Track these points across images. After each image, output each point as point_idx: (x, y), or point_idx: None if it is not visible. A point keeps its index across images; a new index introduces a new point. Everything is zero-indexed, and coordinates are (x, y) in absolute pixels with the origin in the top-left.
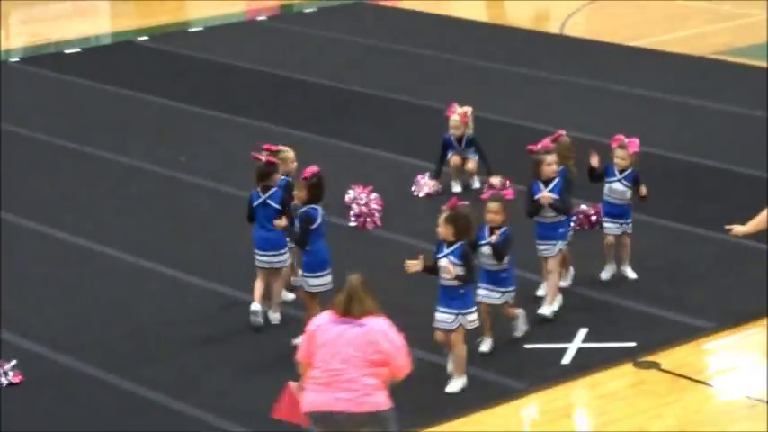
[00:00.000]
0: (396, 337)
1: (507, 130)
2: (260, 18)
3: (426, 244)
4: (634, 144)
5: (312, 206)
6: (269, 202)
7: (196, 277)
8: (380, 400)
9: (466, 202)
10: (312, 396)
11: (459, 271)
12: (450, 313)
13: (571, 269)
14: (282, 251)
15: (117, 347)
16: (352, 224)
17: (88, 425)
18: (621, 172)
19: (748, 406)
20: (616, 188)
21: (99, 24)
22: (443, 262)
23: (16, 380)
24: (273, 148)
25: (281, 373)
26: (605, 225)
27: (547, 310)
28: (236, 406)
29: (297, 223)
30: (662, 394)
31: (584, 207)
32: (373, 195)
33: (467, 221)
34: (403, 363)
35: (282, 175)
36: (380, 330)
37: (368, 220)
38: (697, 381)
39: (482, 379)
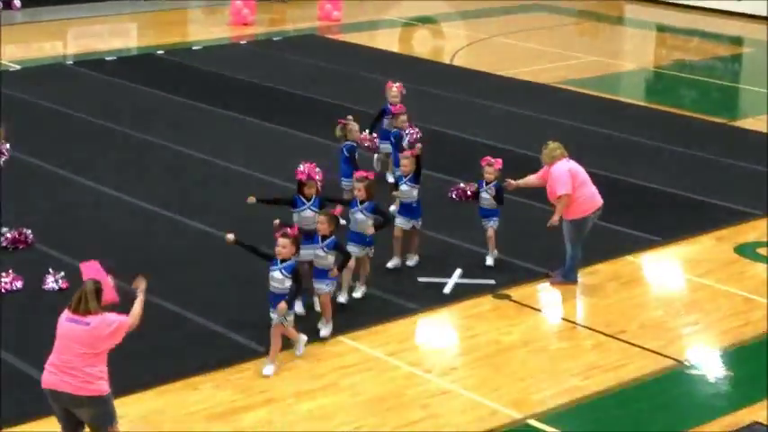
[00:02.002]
0: (116, 325)
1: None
2: (242, 42)
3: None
4: (498, 163)
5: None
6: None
7: (191, 220)
8: (99, 388)
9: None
10: (46, 376)
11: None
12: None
13: (416, 256)
14: None
15: (134, 265)
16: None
17: None
18: (488, 183)
19: (570, 327)
20: (485, 197)
21: (129, 41)
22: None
23: (64, 286)
24: (343, 121)
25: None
26: (483, 222)
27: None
28: (237, 315)
29: None
30: (511, 317)
31: (462, 185)
32: (317, 169)
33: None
34: (119, 335)
35: (349, 141)
36: (101, 328)
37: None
38: (535, 309)
39: (384, 299)
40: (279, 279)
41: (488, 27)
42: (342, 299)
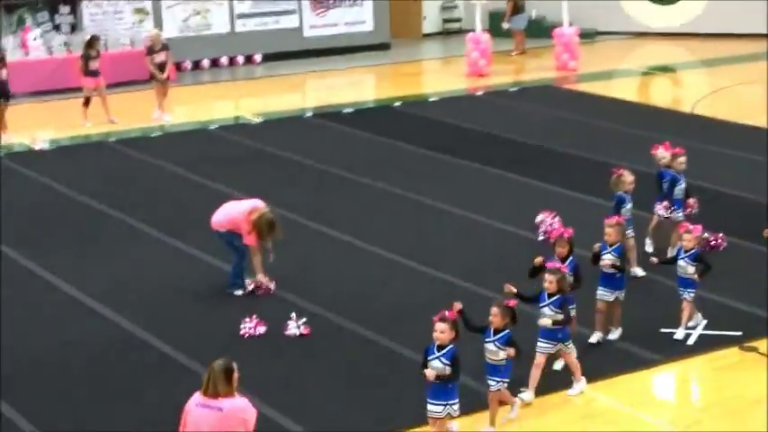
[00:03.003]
0: (250, 416)
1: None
2: (478, 93)
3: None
4: (697, 230)
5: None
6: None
7: (429, 268)
8: None
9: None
10: None
11: (447, 370)
12: (439, 404)
13: (620, 329)
14: None
15: (371, 313)
16: (540, 238)
17: (346, 366)
18: (686, 252)
19: None
20: (681, 265)
21: (366, 93)
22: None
23: (306, 332)
24: (618, 171)
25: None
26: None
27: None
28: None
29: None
30: (758, 370)
31: (706, 235)
32: (556, 219)
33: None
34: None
35: (621, 191)
36: (236, 413)
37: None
38: None
39: (625, 349)
40: (492, 351)
41: (730, 75)
42: (594, 339)
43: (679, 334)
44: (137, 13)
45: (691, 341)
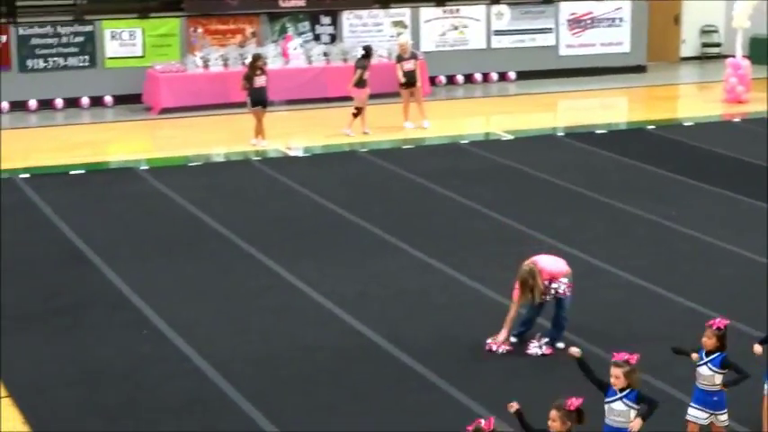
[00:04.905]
0: None
1: None
2: (734, 120)
3: None
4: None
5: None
6: None
7: (673, 294)
8: None
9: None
10: None
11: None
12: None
13: None
14: None
15: (616, 337)
16: None
17: (585, 389)
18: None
19: None
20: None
21: (619, 115)
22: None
23: (548, 352)
24: None
25: None
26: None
27: None
28: None
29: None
30: None
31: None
32: None
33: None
34: None
35: None
36: None
37: None
38: None
39: None
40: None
41: None
42: None
43: None
44: (395, 25)
45: None
